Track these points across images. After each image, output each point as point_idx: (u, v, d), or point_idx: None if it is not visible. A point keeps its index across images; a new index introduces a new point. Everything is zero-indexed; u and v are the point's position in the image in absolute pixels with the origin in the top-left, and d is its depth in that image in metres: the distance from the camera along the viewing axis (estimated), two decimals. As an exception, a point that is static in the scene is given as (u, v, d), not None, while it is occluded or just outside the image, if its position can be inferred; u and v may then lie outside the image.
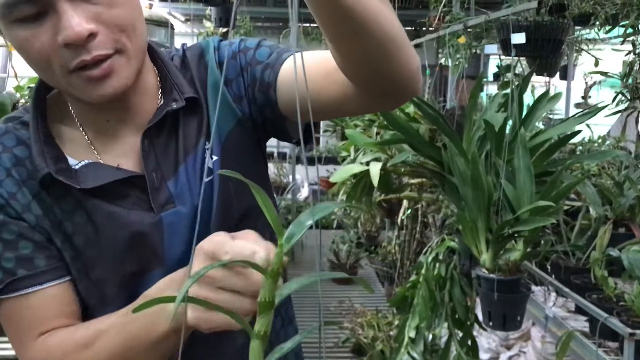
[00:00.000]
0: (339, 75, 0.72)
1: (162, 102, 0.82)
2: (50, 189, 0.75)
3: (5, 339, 2.17)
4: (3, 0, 0.66)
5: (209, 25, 4.44)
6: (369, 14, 0.63)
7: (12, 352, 2.19)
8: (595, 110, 1.57)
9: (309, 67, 0.77)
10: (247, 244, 0.61)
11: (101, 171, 0.77)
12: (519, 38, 1.61)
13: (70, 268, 0.78)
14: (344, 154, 2.48)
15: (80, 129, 0.80)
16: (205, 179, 0.80)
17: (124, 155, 0.80)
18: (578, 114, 1.64)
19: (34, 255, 0.76)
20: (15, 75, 2.00)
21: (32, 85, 1.89)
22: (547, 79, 3.98)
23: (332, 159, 5.04)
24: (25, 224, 0.75)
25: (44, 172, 0.73)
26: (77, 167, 0.77)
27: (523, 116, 1.59)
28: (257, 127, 0.87)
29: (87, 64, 0.69)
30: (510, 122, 1.58)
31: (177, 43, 4.67)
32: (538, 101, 1.62)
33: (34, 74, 2.07)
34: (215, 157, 0.83)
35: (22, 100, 1.85)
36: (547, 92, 1.64)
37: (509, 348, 3.50)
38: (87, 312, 0.81)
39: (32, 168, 0.75)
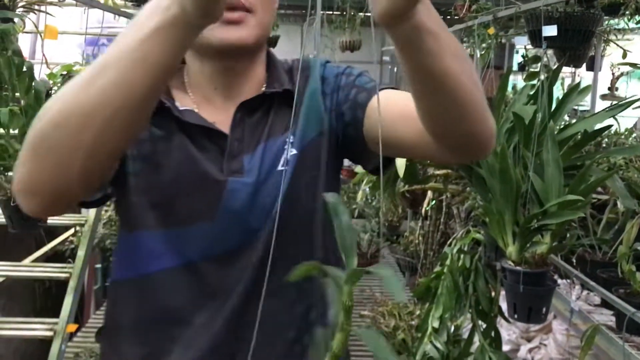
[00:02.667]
0: (417, 121, 0.75)
1: (264, 90, 0.92)
2: (155, 112, 0.76)
3: (36, 319, 2.21)
4: None
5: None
6: (448, 76, 0.66)
7: (38, 333, 2.24)
8: (626, 104, 1.55)
9: (391, 104, 0.84)
10: None
11: (198, 117, 0.87)
12: (550, 30, 1.59)
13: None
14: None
15: (190, 94, 0.90)
16: (280, 167, 0.87)
17: (220, 122, 0.88)
18: (608, 108, 1.62)
19: None
20: (46, 62, 2.03)
21: (65, 72, 1.92)
22: (574, 69, 3.93)
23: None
24: None
25: None
26: (181, 108, 0.87)
27: (553, 109, 1.58)
28: (338, 143, 0.93)
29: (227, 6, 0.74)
30: (539, 115, 1.57)
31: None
32: (568, 94, 1.60)
33: (65, 61, 2.09)
34: (294, 151, 0.88)
35: (55, 88, 1.88)
36: (577, 84, 1.62)
37: (529, 340, 3.49)
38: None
39: None
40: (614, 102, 1.62)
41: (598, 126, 1.58)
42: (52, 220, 2.71)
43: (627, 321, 1.46)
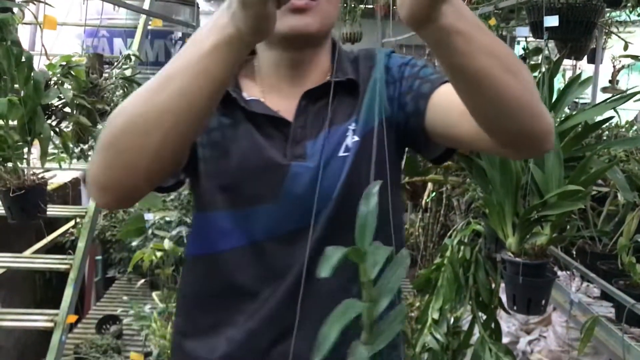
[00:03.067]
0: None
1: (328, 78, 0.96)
2: (223, 103, 0.89)
3: (36, 310, 2.22)
4: None
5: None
6: (484, 76, 0.68)
7: (39, 324, 2.24)
8: (628, 96, 1.55)
9: (452, 99, 0.84)
10: None
11: (263, 107, 0.93)
12: (552, 21, 1.58)
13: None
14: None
15: (258, 83, 0.96)
16: (342, 153, 0.91)
17: (284, 110, 0.94)
18: (609, 99, 1.61)
19: None
20: (46, 54, 2.02)
21: (65, 63, 1.91)
22: (575, 62, 3.91)
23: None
24: None
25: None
26: (247, 98, 0.93)
27: (553, 100, 1.57)
28: (399, 132, 0.95)
29: None
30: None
31: (202, 22, 4.68)
32: (569, 85, 1.60)
33: (64, 53, 2.09)
34: (357, 138, 0.92)
35: (55, 78, 1.87)
36: (578, 76, 1.62)
37: (528, 332, 3.50)
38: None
39: None
40: (615, 95, 1.61)
41: (599, 118, 1.58)
42: (52, 212, 2.71)
43: (627, 313, 1.46)
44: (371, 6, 4.60)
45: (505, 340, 3.18)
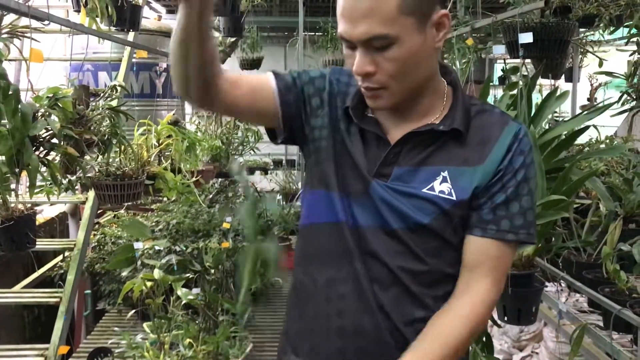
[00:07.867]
0: None
1: (435, 122, 1.05)
2: (345, 112, 1.09)
3: (26, 345, 2.17)
4: (342, 35, 0.98)
5: (217, 35, 4.50)
6: None
7: (29, 359, 2.18)
8: (604, 107, 1.60)
9: (475, 255, 1.05)
10: None
11: (374, 126, 1.07)
12: (526, 37, 1.64)
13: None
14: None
15: (374, 115, 1.10)
16: (433, 192, 1.01)
17: (392, 136, 1.06)
18: (587, 111, 1.67)
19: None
20: (32, 88, 2.04)
21: (51, 95, 1.93)
22: (553, 81, 4.01)
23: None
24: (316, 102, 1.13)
25: (347, 105, 1.08)
26: (368, 114, 1.09)
27: (532, 114, 1.62)
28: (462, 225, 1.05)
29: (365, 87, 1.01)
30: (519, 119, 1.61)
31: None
32: (547, 99, 1.65)
33: (51, 84, 2.08)
34: (453, 198, 1.00)
35: (42, 110, 1.89)
36: (555, 90, 1.67)
37: (521, 349, 3.50)
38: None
39: (346, 96, 1.11)
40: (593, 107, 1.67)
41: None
42: (40, 245, 2.69)
43: (614, 319, 1.48)
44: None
45: (498, 357, 3.17)
